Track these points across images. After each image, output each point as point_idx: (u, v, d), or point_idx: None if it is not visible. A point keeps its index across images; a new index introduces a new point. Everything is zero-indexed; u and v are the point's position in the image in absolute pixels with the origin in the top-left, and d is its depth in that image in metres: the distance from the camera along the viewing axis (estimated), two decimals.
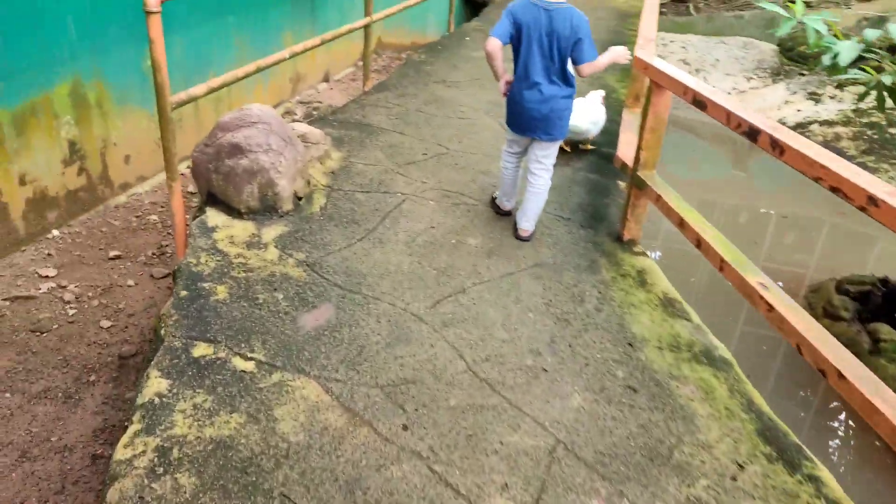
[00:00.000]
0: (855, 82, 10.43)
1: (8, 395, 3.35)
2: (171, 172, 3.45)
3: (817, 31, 3.62)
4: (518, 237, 3.58)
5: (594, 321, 2.96)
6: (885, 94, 3.71)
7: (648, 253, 3.59)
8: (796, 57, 12.68)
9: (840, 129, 9.61)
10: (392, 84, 6.06)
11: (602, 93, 5.09)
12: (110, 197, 5.24)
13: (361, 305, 2.89)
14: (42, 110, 4.50)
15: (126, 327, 3.91)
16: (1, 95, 4.17)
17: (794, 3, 3.67)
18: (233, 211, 3.45)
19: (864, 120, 9.76)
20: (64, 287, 4.17)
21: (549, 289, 3.16)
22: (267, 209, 3.47)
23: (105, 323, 3.91)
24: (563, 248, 3.55)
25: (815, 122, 9.90)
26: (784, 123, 9.18)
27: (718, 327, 3.12)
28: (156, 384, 2.35)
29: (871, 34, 3.55)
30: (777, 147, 2.25)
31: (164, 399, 2.29)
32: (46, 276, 4.26)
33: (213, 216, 3.42)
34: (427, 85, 6.07)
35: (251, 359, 2.51)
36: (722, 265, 2.64)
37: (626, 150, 3.81)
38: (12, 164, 4.34)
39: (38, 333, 3.76)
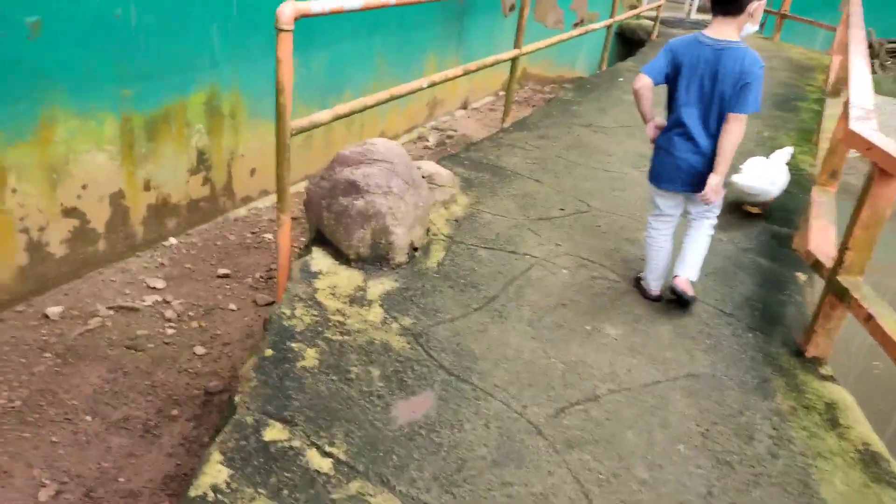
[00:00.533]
0: None
1: (89, 417, 3.13)
2: (282, 203, 3.12)
3: None
4: (675, 293, 3.02)
5: (767, 472, 2.25)
6: None
7: (839, 380, 2.82)
8: None
9: None
10: (533, 123, 5.56)
11: (790, 150, 4.33)
12: (231, 209, 5.10)
13: (469, 400, 2.37)
14: (175, 117, 4.39)
15: (219, 357, 3.64)
16: (136, 99, 4.08)
17: None
18: (341, 255, 3.06)
19: None
20: (168, 303, 3.99)
21: (705, 412, 2.49)
22: (378, 258, 3.05)
23: (200, 349, 3.66)
24: (724, 354, 2.86)
25: None
26: None
27: None
28: (214, 471, 1.94)
29: None
30: None
31: (219, 496, 1.87)
32: (154, 288, 4.10)
33: (319, 259, 3.04)
34: (571, 128, 5.51)
35: (329, 455, 2.05)
36: None
37: (820, 241, 3.06)
38: (140, 168, 4.25)
39: (133, 351, 3.56)
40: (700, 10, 12.45)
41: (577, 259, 3.45)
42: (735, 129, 2.71)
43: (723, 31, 2.73)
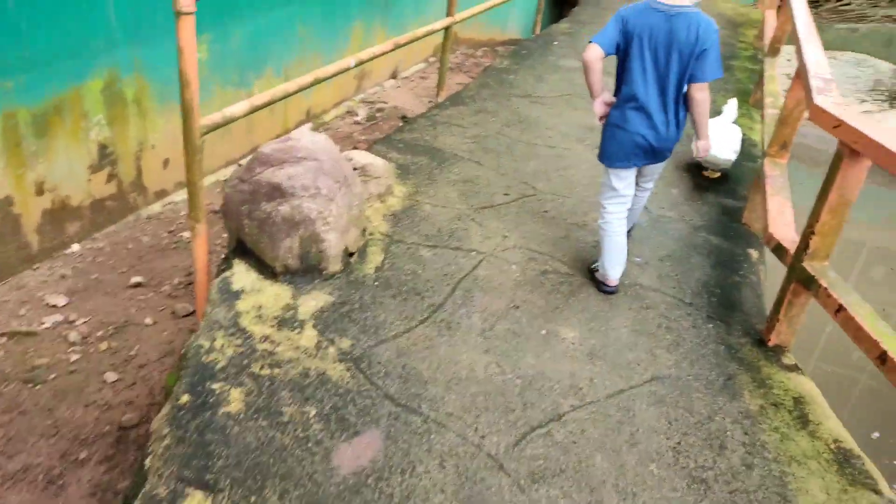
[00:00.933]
0: None
1: None
2: (195, 212, 2.73)
3: None
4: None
5: (744, 486, 2.10)
6: None
7: (802, 367, 2.70)
8: None
9: None
10: (469, 96, 5.24)
11: (735, 102, 4.26)
12: (142, 206, 4.62)
13: (420, 435, 2.11)
14: (69, 109, 3.87)
15: (134, 383, 3.25)
16: (20, 91, 3.55)
17: None
18: (265, 269, 2.72)
19: None
20: (71, 323, 3.54)
21: (674, 423, 2.32)
22: (308, 270, 2.72)
23: (110, 375, 3.26)
24: (687, 350, 2.69)
25: None
26: None
27: None
28: None
29: None
30: None
31: None
32: (54, 307, 3.64)
33: (241, 274, 2.69)
34: (509, 100, 5.22)
35: None
36: None
37: (779, 224, 2.91)
38: (29, 170, 3.73)
39: (30, 385, 3.14)
40: None
41: (527, 252, 3.21)
42: (704, 98, 2.65)
43: None
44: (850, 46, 11.93)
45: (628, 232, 3.20)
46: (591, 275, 3.05)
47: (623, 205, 2.90)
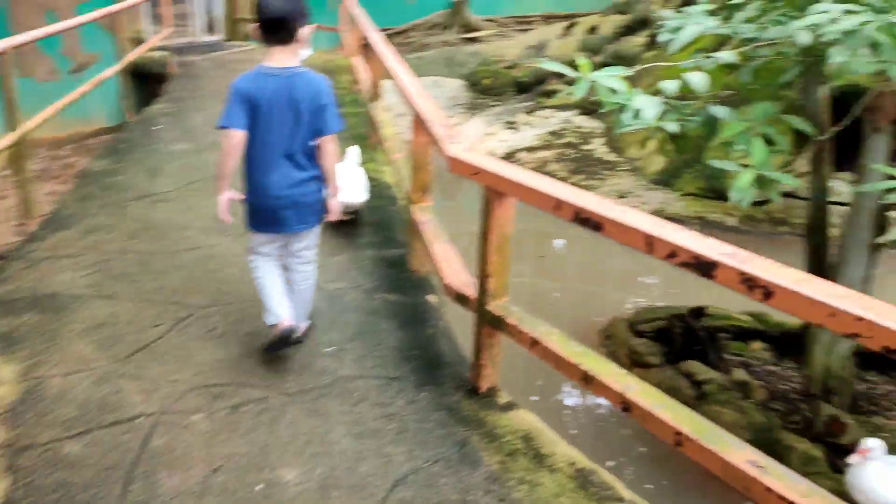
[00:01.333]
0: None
1: None
2: None
3: (611, 89, 3.19)
4: (283, 336, 2.77)
5: None
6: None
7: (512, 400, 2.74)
8: (483, 90, 13.44)
9: (544, 154, 10.17)
10: (71, 215, 4.34)
11: (357, 148, 4.39)
12: None
13: None
14: None
15: None
16: None
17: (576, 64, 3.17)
18: None
19: (561, 141, 10.50)
20: None
21: None
22: None
23: None
24: (414, 434, 2.50)
25: (521, 149, 10.36)
26: (494, 155, 9.31)
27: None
28: None
29: (669, 85, 3.22)
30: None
31: None
32: None
33: None
34: (124, 207, 4.47)
35: None
36: (679, 440, 1.86)
37: (451, 272, 2.91)
38: None
39: None
40: (208, 30, 11.96)
41: (207, 390, 2.68)
42: (333, 149, 2.74)
43: (283, 59, 2.64)
44: (422, 72, 13.49)
45: (310, 322, 3.08)
46: (273, 343, 2.79)
47: (270, 255, 2.87)
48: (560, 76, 11.76)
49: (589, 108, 10.63)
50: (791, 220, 6.91)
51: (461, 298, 2.76)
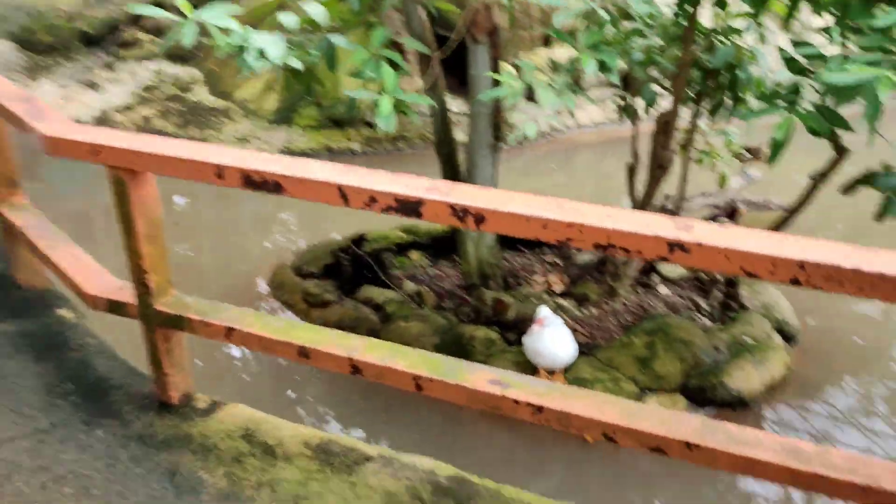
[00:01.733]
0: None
1: None
2: None
3: (224, 30, 2.82)
4: None
5: None
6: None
7: (211, 398, 2.39)
8: (42, 50, 11.19)
9: (145, 111, 9.07)
10: None
11: None
12: None
13: None
14: None
15: None
16: None
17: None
18: None
19: (160, 94, 9.44)
20: None
21: None
22: None
23: None
24: (104, 490, 1.99)
25: (114, 110, 9.07)
26: (81, 121, 7.98)
27: None
28: None
29: (288, 19, 2.96)
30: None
31: None
32: None
33: None
34: None
35: None
36: (419, 384, 1.80)
37: (89, 279, 2.29)
38: None
39: None
40: None
41: None
42: None
43: None
44: None
45: None
46: None
47: None
48: (137, 22, 10.40)
49: (180, 54, 9.68)
50: (408, 136, 7.45)
51: (116, 306, 2.23)
